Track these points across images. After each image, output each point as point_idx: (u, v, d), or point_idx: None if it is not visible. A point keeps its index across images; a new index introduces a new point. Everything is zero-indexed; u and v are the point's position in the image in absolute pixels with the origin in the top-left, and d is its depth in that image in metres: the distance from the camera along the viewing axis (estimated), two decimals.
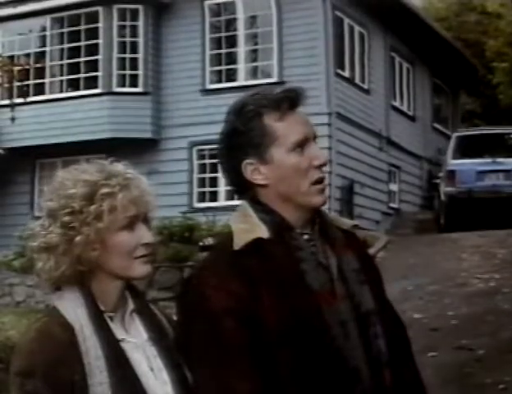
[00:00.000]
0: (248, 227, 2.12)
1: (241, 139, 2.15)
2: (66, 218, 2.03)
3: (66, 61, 18.26)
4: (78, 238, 2.02)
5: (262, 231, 2.11)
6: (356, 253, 2.23)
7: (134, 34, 17.88)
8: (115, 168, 2.11)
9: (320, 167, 2.16)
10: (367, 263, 2.26)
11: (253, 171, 2.15)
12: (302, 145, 2.14)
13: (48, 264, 2.04)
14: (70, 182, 2.07)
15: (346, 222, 2.30)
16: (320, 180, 2.16)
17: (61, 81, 18.41)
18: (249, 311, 2.02)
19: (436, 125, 22.96)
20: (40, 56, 18.06)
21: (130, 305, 2.13)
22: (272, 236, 2.11)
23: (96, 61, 17.82)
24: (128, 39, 17.86)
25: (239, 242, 2.09)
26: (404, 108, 20.93)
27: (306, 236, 2.16)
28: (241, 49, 17.63)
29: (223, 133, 2.20)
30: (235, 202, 2.27)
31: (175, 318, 2.16)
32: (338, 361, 2.05)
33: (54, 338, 1.98)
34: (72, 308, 2.03)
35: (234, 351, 2.00)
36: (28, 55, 18.03)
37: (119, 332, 2.06)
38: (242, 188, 2.19)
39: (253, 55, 17.75)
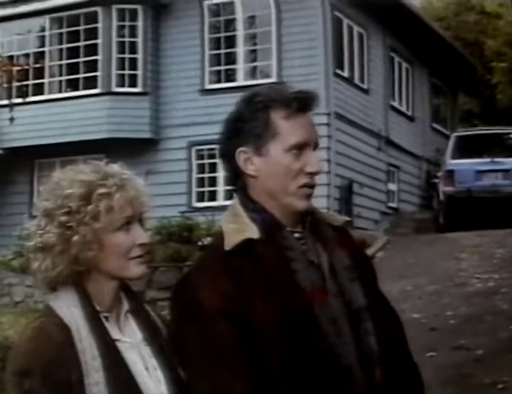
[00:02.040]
0: (238, 227, 2.13)
1: (243, 126, 2.16)
2: (63, 218, 2.03)
3: (65, 62, 18.25)
4: (75, 238, 2.03)
5: (253, 231, 2.11)
6: (348, 250, 2.22)
7: (133, 34, 17.88)
8: (111, 169, 2.12)
9: (312, 174, 2.16)
10: (359, 260, 2.25)
11: (246, 160, 2.16)
12: (300, 149, 2.14)
13: (45, 264, 2.05)
14: (66, 182, 2.07)
15: (338, 219, 2.30)
16: (308, 186, 2.16)
17: (61, 81, 18.40)
18: (241, 311, 2.02)
19: (435, 125, 22.96)
20: (39, 56, 18.04)
21: (125, 306, 2.13)
22: (263, 236, 2.11)
23: (95, 61, 17.81)
24: (127, 39, 17.86)
25: (229, 243, 2.10)
26: (403, 108, 20.93)
27: (297, 235, 2.16)
28: (240, 49, 17.62)
29: (229, 116, 2.21)
30: None
31: (168, 318, 2.17)
32: (331, 359, 2.05)
33: (51, 338, 1.98)
34: (68, 308, 2.03)
35: (227, 352, 2.01)
36: (27, 55, 18.04)
37: (114, 332, 2.07)
38: (234, 175, 2.20)
39: (253, 55, 17.75)
